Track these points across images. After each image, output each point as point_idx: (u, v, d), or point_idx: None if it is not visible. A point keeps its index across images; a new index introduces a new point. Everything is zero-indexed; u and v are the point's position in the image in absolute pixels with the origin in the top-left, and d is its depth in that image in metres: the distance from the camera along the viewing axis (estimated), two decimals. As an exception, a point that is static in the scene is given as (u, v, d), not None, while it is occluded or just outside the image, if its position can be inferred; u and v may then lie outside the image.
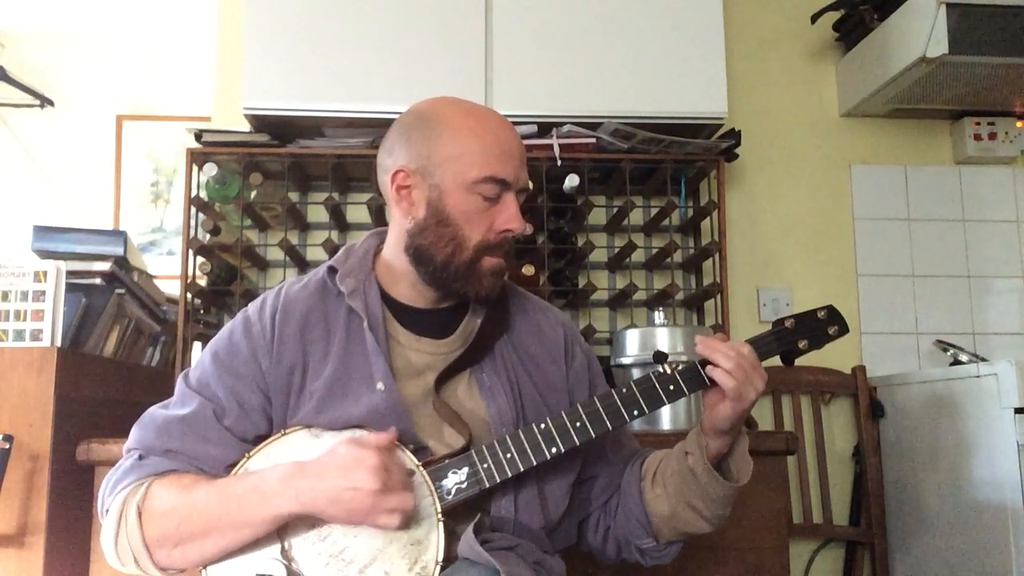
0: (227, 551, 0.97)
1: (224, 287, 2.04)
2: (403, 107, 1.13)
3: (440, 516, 0.98)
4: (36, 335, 1.52)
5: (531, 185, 1.49)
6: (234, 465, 1.02)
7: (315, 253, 2.16)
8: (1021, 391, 1.76)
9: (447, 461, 1.02)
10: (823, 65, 2.45)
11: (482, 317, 1.13)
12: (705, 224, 2.18)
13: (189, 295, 1.98)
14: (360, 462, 0.92)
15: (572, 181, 1.98)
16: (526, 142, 1.97)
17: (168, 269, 2.58)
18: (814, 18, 2.31)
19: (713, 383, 1.04)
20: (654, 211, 2.24)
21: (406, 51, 1.98)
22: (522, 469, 1.02)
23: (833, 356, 2.04)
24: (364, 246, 1.17)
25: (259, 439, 1.04)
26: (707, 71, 2.02)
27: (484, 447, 1.02)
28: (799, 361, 1.11)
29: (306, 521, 0.98)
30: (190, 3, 3.25)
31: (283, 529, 0.98)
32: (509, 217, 1.06)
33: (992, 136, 2.37)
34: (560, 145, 1.98)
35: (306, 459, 0.98)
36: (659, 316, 1.83)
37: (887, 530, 2.18)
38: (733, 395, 1.00)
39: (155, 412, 1.06)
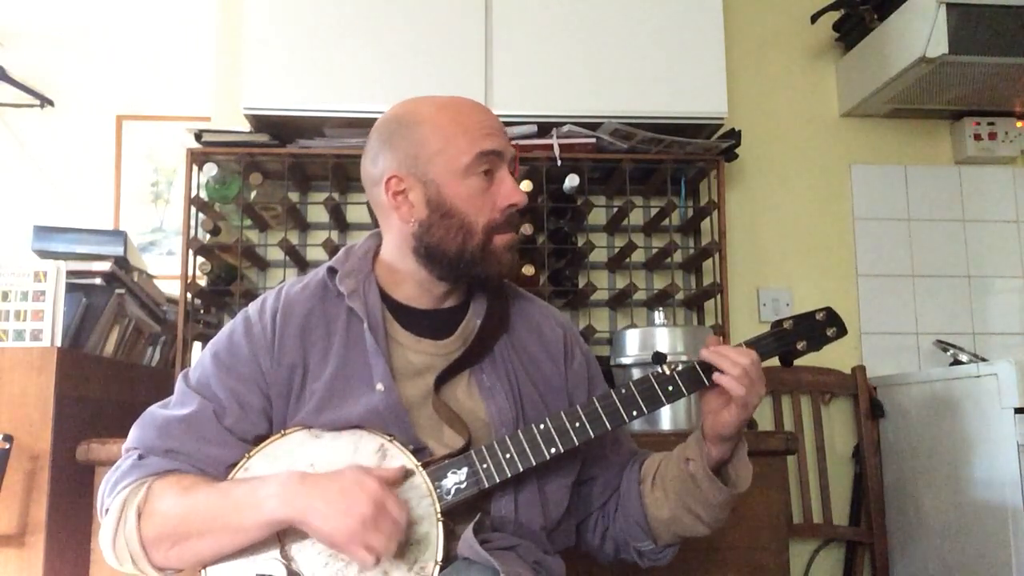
0: (222, 553, 0.97)
1: (224, 287, 2.04)
2: (404, 107, 1.13)
3: (439, 516, 0.98)
4: (36, 335, 1.52)
5: (518, 155, 1.48)
6: (234, 465, 1.02)
7: (315, 253, 2.16)
8: (1021, 391, 1.76)
9: (447, 461, 1.02)
10: (823, 65, 2.45)
11: (482, 318, 1.13)
12: (705, 224, 2.18)
13: (189, 295, 1.98)
14: (362, 487, 0.92)
15: (572, 181, 1.98)
16: (526, 142, 1.97)
17: (168, 269, 2.58)
18: (814, 18, 2.30)
19: (713, 385, 1.04)
20: (654, 211, 2.24)
21: (406, 51, 1.98)
22: (521, 469, 1.02)
23: (833, 356, 2.04)
24: (364, 247, 1.17)
25: (259, 439, 1.04)
26: (707, 71, 2.02)
27: (484, 447, 1.03)
28: (799, 361, 1.12)
29: (305, 522, 0.98)
30: (190, 3, 3.25)
31: (283, 530, 0.98)
32: (508, 191, 1.08)
33: (992, 136, 2.36)
34: (560, 145, 1.97)
35: (305, 459, 0.98)
36: (659, 316, 1.83)
37: (887, 530, 2.18)
38: (740, 402, 1.01)
39: (155, 412, 1.07)
